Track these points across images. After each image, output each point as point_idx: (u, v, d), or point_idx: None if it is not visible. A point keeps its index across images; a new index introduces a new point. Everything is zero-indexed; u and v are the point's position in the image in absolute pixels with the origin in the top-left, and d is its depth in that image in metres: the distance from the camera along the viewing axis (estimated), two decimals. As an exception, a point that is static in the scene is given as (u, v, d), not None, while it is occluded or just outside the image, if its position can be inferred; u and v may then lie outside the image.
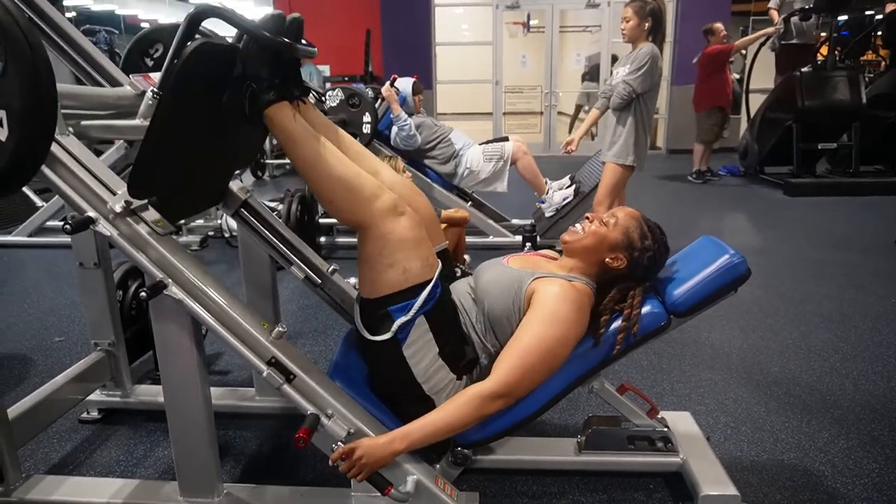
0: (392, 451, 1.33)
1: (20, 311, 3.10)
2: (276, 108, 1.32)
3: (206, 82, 1.28)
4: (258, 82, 1.30)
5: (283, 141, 1.37)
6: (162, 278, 1.29)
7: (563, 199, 3.93)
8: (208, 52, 1.24)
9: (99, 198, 1.26)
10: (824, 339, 2.63)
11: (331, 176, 1.35)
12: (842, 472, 1.74)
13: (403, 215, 1.35)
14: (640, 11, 3.10)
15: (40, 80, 0.94)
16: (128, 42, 1.91)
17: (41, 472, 1.79)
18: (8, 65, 0.91)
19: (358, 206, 1.35)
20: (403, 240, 1.35)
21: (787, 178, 6.02)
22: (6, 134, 0.93)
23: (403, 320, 1.38)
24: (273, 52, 1.29)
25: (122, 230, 1.27)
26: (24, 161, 0.99)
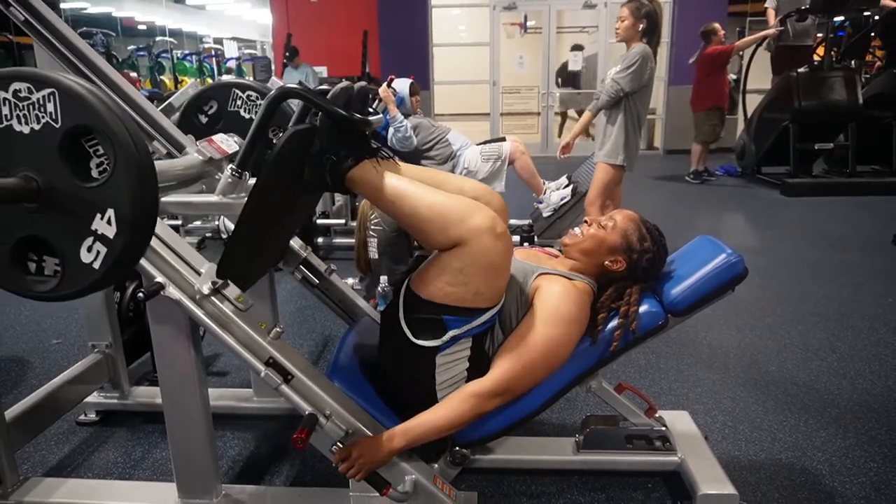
0: (390, 449, 1.33)
1: (17, 312, 3.09)
2: (358, 170, 1.35)
3: (292, 164, 1.33)
4: (337, 155, 1.34)
5: (370, 197, 1.39)
6: (160, 280, 1.29)
7: (561, 199, 3.93)
8: (297, 137, 1.30)
9: (184, 279, 1.29)
10: (822, 338, 2.64)
11: (422, 206, 1.31)
12: (839, 472, 1.74)
13: (500, 239, 1.28)
14: (637, 12, 3.11)
15: (146, 181, 0.97)
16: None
17: (39, 474, 1.78)
18: (117, 167, 0.94)
19: (452, 227, 1.28)
20: (492, 266, 1.30)
21: (784, 178, 6.04)
22: (114, 232, 0.97)
23: (455, 334, 1.35)
24: (348, 127, 1.34)
25: (208, 310, 1.30)
26: (131, 255, 1.03)
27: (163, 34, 13.91)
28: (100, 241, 0.98)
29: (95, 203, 0.96)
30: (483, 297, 1.33)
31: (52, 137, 0.95)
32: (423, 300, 1.35)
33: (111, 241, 0.97)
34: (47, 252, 1.03)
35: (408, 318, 1.39)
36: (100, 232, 0.97)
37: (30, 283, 1.04)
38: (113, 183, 0.95)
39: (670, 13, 8.48)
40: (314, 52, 8.34)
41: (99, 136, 0.95)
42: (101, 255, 0.99)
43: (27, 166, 0.96)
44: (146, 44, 12.15)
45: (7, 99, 0.94)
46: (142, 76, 11.21)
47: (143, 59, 11.69)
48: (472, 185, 1.53)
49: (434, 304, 1.34)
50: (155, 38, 13.33)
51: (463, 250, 1.27)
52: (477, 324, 1.35)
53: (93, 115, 0.93)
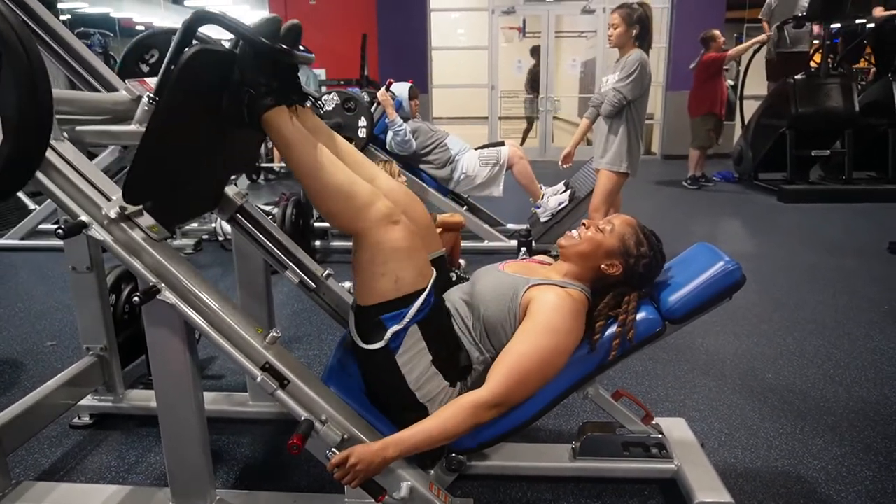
0: (386, 458, 1.32)
1: (11, 314, 3.08)
2: (274, 113, 1.32)
3: (203, 88, 1.28)
4: (256, 88, 1.30)
5: (280, 146, 1.36)
6: (155, 283, 1.28)
7: (559, 203, 3.93)
8: (206, 58, 1.23)
9: (93, 203, 1.25)
10: (818, 345, 2.64)
11: (326, 182, 1.34)
12: (835, 480, 1.74)
13: (397, 224, 1.34)
14: (628, 18, 3.12)
15: (36, 86, 0.94)
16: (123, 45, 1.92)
17: (31, 478, 1.77)
18: (3, 70, 0.91)
19: (352, 214, 1.34)
20: (396, 249, 1.34)
21: (781, 184, 6.06)
22: (0, 139, 0.93)
23: (396, 329, 1.38)
24: (270, 57, 1.29)
25: (117, 235, 1.26)
26: (20, 166, 0.99)
27: (161, 35, 13.85)
28: None
29: None
30: (406, 283, 1.36)
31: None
32: (362, 308, 1.41)
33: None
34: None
35: (358, 329, 1.43)
36: None
37: None
38: (0, 89, 0.91)
39: (668, 19, 8.51)
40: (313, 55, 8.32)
41: None
42: None
43: None
44: (144, 45, 12.11)
45: None
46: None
47: (141, 59, 11.64)
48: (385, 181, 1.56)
49: (370, 308, 1.38)
50: (153, 39, 13.29)
51: (365, 241, 1.34)
52: (413, 312, 1.37)
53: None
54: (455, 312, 1.51)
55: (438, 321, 1.45)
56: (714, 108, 6.31)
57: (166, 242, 1.33)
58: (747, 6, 9.37)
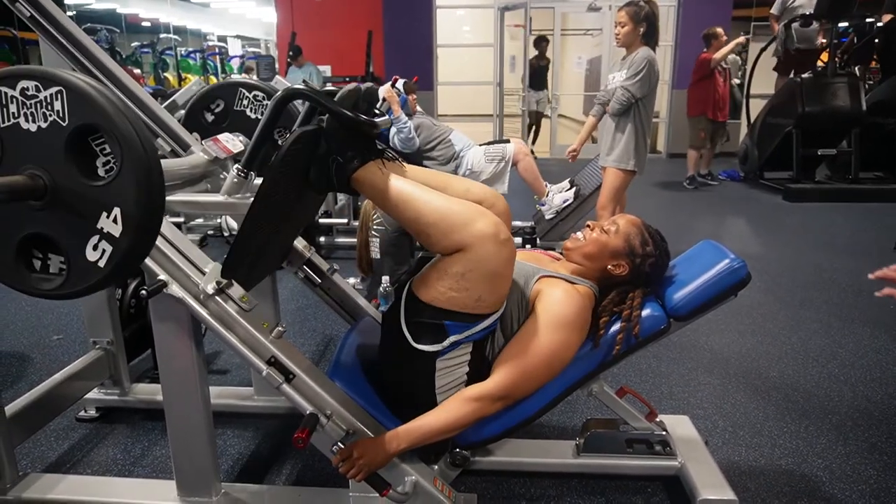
0: (390, 452, 1.33)
1: (18, 308, 3.09)
2: (363, 171, 1.34)
3: (296, 164, 1.33)
4: (343, 156, 1.34)
5: (374, 199, 1.38)
6: (164, 279, 1.29)
7: (563, 201, 3.93)
8: (304, 138, 1.30)
9: (189, 278, 1.29)
10: (823, 344, 2.64)
11: (427, 210, 1.30)
12: (840, 479, 1.74)
13: (505, 245, 1.27)
14: (635, 16, 3.11)
15: (153, 180, 0.97)
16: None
17: (38, 470, 1.79)
18: (124, 166, 0.94)
19: (455, 231, 1.27)
20: (495, 273, 1.28)
21: (787, 183, 6.03)
22: (120, 230, 0.97)
23: (456, 339, 1.35)
24: (355, 129, 1.33)
25: (212, 309, 1.30)
26: (136, 254, 1.03)
27: (167, 31, 13.93)
28: (106, 239, 0.98)
29: (102, 202, 0.96)
30: (485, 304, 1.32)
31: (58, 135, 0.94)
32: (424, 304, 1.34)
33: (117, 239, 0.97)
34: (53, 250, 1.03)
35: (409, 322, 1.38)
36: (106, 230, 0.97)
37: (35, 281, 1.04)
38: (119, 182, 0.95)
39: (675, 17, 8.48)
40: (318, 51, 8.34)
41: (106, 135, 0.95)
42: (106, 254, 0.99)
43: (34, 164, 0.96)
44: (150, 41, 12.17)
45: (14, 97, 0.94)
46: (145, 73, 11.23)
47: (146, 55, 11.71)
48: (478, 188, 1.52)
49: (435, 308, 1.33)
50: (159, 35, 13.35)
51: (465, 256, 1.26)
52: (478, 329, 1.35)
53: (100, 113, 0.93)
54: None
55: (489, 344, 1.44)
56: (705, 110, 6.22)
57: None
58: (754, 4, 9.33)
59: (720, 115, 6.27)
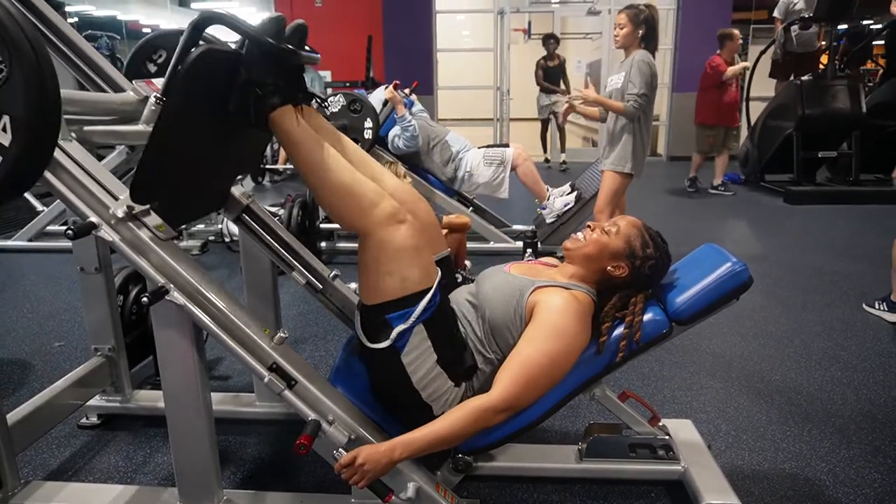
0: (393, 459, 1.32)
1: (20, 315, 3.09)
2: (281, 113, 1.33)
3: (209, 88, 1.29)
4: (262, 88, 1.31)
5: (286, 145, 1.38)
6: (163, 283, 1.29)
7: (564, 205, 3.93)
8: (212, 58, 1.24)
9: (101, 203, 1.26)
10: (825, 347, 2.63)
11: (332, 182, 1.36)
12: (843, 482, 1.74)
13: (403, 223, 1.35)
14: (635, 19, 3.12)
15: (45, 85, 0.95)
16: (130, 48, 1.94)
17: (40, 477, 1.78)
18: (13, 70, 0.91)
19: (358, 213, 1.35)
20: (402, 249, 1.35)
21: (787, 185, 6.03)
22: (9, 139, 0.94)
23: (402, 328, 1.38)
24: (276, 57, 1.30)
25: (125, 235, 1.27)
26: (28, 166, 1.00)
27: (168, 37, 13.91)
28: None
29: None
30: (412, 282, 1.36)
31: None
32: (368, 307, 1.41)
33: (6, 148, 0.94)
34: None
35: (364, 329, 1.43)
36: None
37: None
38: (8, 88, 0.92)
39: (674, 20, 8.49)
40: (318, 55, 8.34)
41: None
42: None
43: None
44: (151, 47, 12.16)
45: None
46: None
47: (147, 62, 11.70)
48: (393, 182, 1.56)
49: (376, 307, 1.38)
50: (160, 41, 13.34)
51: (370, 242, 1.34)
52: (419, 311, 1.37)
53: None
54: (460, 314, 1.51)
55: (444, 321, 1.45)
56: (707, 120, 6.15)
57: (174, 242, 1.34)
58: (753, 7, 9.35)
59: (730, 121, 6.17)
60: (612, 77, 3.31)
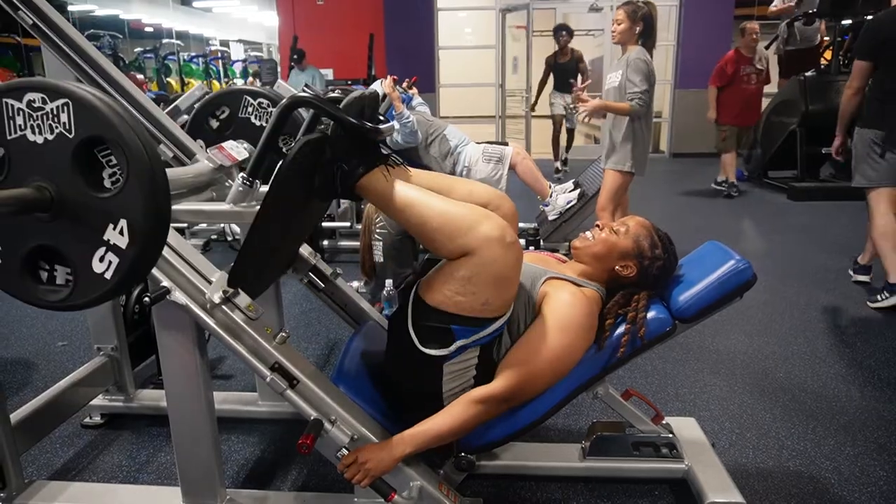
0: (395, 456, 1.32)
1: (23, 315, 3.10)
2: (368, 178, 1.34)
3: (302, 172, 1.33)
4: (348, 163, 1.33)
5: (380, 206, 1.38)
6: (165, 284, 1.29)
7: (567, 202, 3.92)
8: (309, 146, 1.30)
9: (196, 288, 1.30)
10: (830, 344, 2.62)
11: (431, 213, 1.30)
12: (848, 480, 1.73)
13: (511, 249, 1.26)
14: (633, 15, 3.12)
15: (159, 192, 0.97)
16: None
17: (44, 477, 1.79)
18: (129, 177, 0.94)
19: (459, 236, 1.26)
20: (500, 277, 1.27)
21: (791, 182, 6.01)
22: (127, 242, 0.97)
23: (463, 343, 1.34)
24: (361, 137, 1.33)
25: (218, 319, 1.31)
26: (143, 266, 1.03)
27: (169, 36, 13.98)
28: (112, 251, 0.98)
29: (108, 213, 0.96)
30: (491, 308, 1.31)
31: (65, 147, 0.95)
32: (430, 308, 1.33)
33: (123, 251, 0.97)
34: (59, 262, 1.03)
35: (416, 325, 1.36)
36: (112, 242, 0.97)
37: (41, 293, 1.04)
38: (126, 193, 0.95)
39: (676, 15, 8.46)
40: (320, 55, 8.35)
41: (112, 147, 0.95)
42: (112, 265, 0.99)
43: (40, 176, 0.96)
44: (153, 46, 12.22)
45: (21, 109, 0.94)
46: (148, 78, 11.27)
47: (149, 61, 11.75)
48: (483, 190, 1.51)
49: (442, 312, 1.31)
50: (162, 40, 13.41)
51: (471, 260, 1.25)
52: (485, 334, 1.34)
53: (106, 125, 0.93)
54: None
55: (496, 347, 1.43)
56: (720, 118, 5.84)
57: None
58: (756, 3, 9.31)
59: (741, 120, 5.85)
60: (610, 75, 3.30)
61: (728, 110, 5.81)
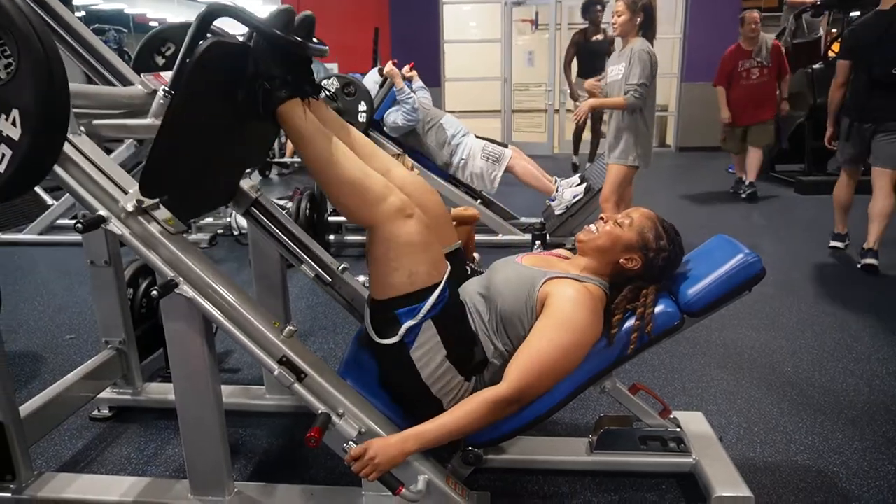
0: (404, 452, 1.32)
1: (31, 308, 3.12)
2: (289, 106, 1.32)
3: (217, 81, 1.28)
4: (271, 81, 1.30)
5: (294, 139, 1.37)
6: (173, 277, 1.29)
7: (574, 196, 3.90)
8: (220, 51, 1.24)
9: (111, 197, 1.26)
10: (838, 338, 2.61)
11: (340, 176, 1.35)
12: (857, 474, 1.72)
13: (411, 218, 1.34)
14: (633, 6, 3.11)
15: (53, 79, 0.95)
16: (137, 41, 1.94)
17: (52, 469, 1.80)
18: (21, 64, 0.92)
19: (365, 207, 1.34)
20: (410, 243, 1.34)
21: (798, 175, 5.97)
22: (19, 133, 0.94)
23: (410, 324, 1.38)
24: (284, 50, 1.29)
25: (134, 229, 1.28)
26: (38, 160, 1.01)
27: (174, 30, 13.94)
28: (4, 142, 0.95)
29: (1, 103, 0.94)
30: (420, 278, 1.36)
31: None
32: (377, 302, 1.41)
33: (16, 142, 0.95)
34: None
35: (373, 324, 1.44)
36: (4, 133, 0.95)
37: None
38: (17, 81, 0.92)
39: (683, 8, 8.39)
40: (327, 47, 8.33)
41: (5, 35, 0.92)
42: (6, 158, 0.96)
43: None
44: (158, 40, 12.19)
45: None
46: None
47: (155, 55, 11.74)
48: (402, 173, 1.56)
49: (385, 302, 1.39)
50: (167, 34, 13.37)
51: (378, 235, 1.34)
52: (427, 306, 1.37)
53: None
54: (471, 306, 1.50)
55: (453, 316, 1.45)
56: None
57: (183, 236, 1.34)
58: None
59: (749, 116, 5.40)
60: (612, 68, 3.28)
61: (728, 109, 5.48)
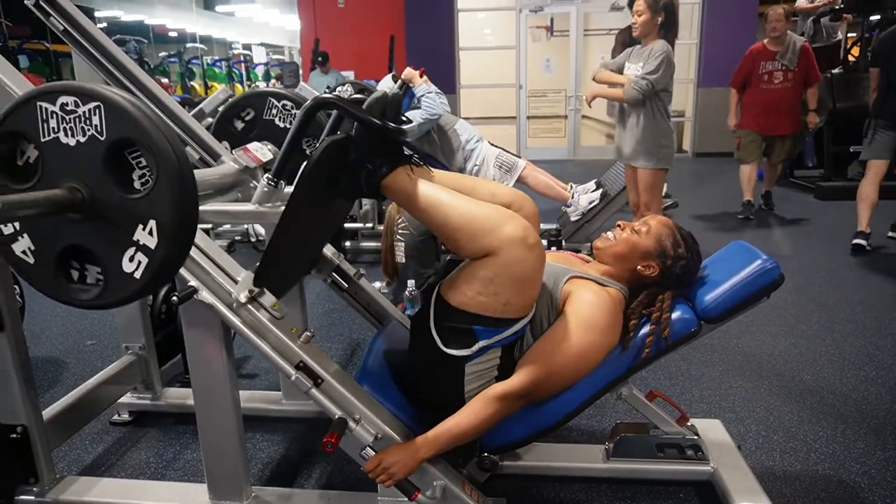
0: (420, 456, 1.33)
1: (53, 314, 3.17)
2: (392, 178, 1.35)
3: (327, 174, 1.35)
4: (372, 164, 1.35)
5: (403, 204, 1.39)
6: (193, 284, 1.31)
7: (589, 202, 3.89)
8: (335, 148, 1.32)
9: (222, 287, 1.32)
10: (859, 346, 2.57)
11: (448, 214, 1.31)
12: (879, 484, 1.69)
13: (533, 249, 1.26)
14: (654, 6, 3.07)
15: (188, 193, 0.99)
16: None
17: (74, 472, 1.83)
18: (159, 178, 0.96)
19: (480, 238, 1.27)
20: (521, 279, 1.27)
21: (817, 181, 5.91)
22: (156, 242, 0.99)
23: (485, 344, 1.34)
24: (384, 135, 1.35)
25: (244, 318, 1.33)
26: (172, 266, 1.06)
27: (193, 41, 14.21)
28: (141, 251, 1.00)
29: (138, 214, 0.98)
30: (513, 308, 1.31)
31: (96, 150, 0.97)
32: (452, 308, 1.34)
33: (152, 251, 0.99)
34: (90, 261, 1.05)
35: (438, 326, 1.37)
36: (141, 242, 0.99)
37: (73, 291, 1.06)
38: (155, 194, 0.97)
39: (700, 12, 8.36)
40: (341, 57, 8.41)
41: (142, 149, 0.97)
42: (142, 265, 1.01)
43: (73, 178, 0.98)
44: (177, 50, 12.42)
45: (54, 112, 0.97)
46: (173, 82, 11.46)
47: (174, 65, 11.96)
48: (506, 191, 1.51)
49: (464, 312, 1.32)
50: (186, 44, 13.63)
51: (493, 260, 1.25)
52: (507, 334, 1.34)
53: (136, 127, 0.95)
54: None
55: (518, 346, 1.43)
56: (740, 122, 5.07)
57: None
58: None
59: (772, 126, 4.93)
60: (630, 66, 3.25)
61: (747, 112, 5.05)
